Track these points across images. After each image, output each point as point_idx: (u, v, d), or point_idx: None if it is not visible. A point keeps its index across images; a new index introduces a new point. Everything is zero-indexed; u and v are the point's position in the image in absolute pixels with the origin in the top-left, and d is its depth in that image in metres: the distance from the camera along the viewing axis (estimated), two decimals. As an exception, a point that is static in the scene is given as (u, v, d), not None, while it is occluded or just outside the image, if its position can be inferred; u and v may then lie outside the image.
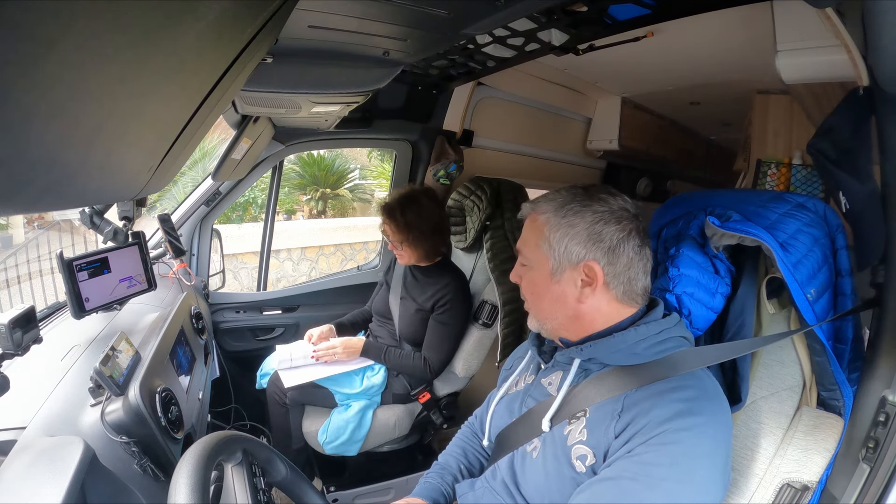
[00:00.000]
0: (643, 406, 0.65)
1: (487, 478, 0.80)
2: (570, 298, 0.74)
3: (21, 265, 4.01)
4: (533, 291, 0.78)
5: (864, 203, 0.67)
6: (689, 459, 0.60)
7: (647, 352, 0.70)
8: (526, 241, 0.79)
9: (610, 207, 0.72)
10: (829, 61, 1.07)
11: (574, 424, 0.70)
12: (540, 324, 0.80)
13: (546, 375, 0.81)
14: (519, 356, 0.94)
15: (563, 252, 0.73)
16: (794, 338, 0.81)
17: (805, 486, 0.70)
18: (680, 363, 0.68)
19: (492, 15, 0.99)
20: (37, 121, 0.33)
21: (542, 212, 0.76)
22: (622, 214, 0.72)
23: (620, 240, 0.71)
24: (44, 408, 0.86)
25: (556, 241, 0.73)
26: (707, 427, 0.62)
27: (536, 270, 0.77)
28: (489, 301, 1.73)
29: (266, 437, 1.84)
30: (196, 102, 0.63)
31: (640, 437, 0.62)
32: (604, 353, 0.72)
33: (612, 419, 0.66)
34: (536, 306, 0.79)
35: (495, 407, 0.87)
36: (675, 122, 2.72)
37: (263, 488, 0.71)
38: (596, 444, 0.66)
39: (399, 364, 1.64)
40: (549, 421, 0.72)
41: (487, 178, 1.94)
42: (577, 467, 0.67)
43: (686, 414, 0.62)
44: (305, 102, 1.29)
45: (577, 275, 0.73)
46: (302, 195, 8.52)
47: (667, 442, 0.61)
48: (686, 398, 0.64)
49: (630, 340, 0.70)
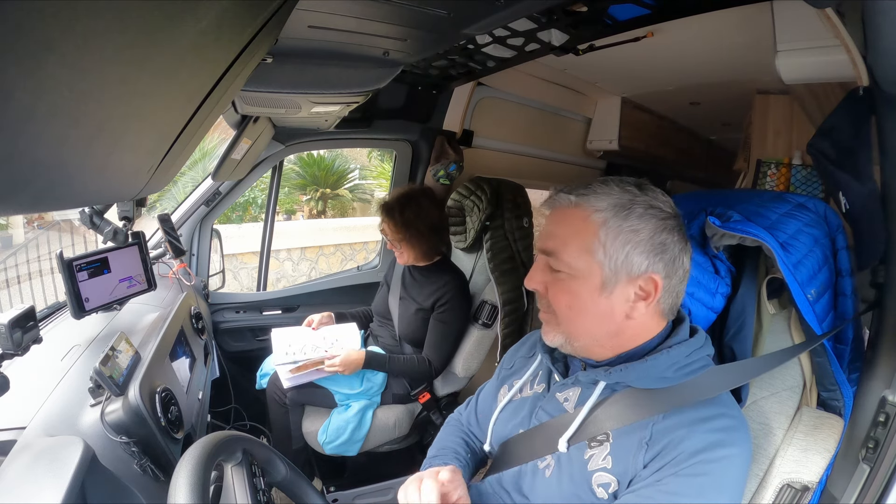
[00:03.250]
0: (675, 435, 0.61)
1: (491, 483, 0.78)
2: (617, 314, 0.64)
3: (21, 265, 4.01)
4: (571, 305, 0.65)
5: (864, 203, 0.67)
6: (715, 490, 0.59)
7: (675, 375, 0.64)
8: (566, 244, 0.65)
9: (668, 213, 0.64)
10: (829, 61, 1.07)
11: (596, 450, 0.65)
12: (569, 341, 0.68)
13: (562, 390, 0.74)
14: (522, 355, 0.88)
15: (622, 261, 0.62)
16: (794, 339, 0.81)
17: (805, 486, 0.70)
18: (706, 386, 0.64)
19: (492, 15, 0.99)
20: (37, 121, 0.33)
21: (597, 209, 0.63)
22: (678, 223, 0.64)
23: (681, 251, 0.64)
24: (44, 408, 0.86)
25: (615, 249, 0.62)
26: (736, 458, 0.61)
27: (581, 281, 0.64)
28: (489, 301, 1.73)
29: (266, 437, 1.84)
30: (196, 102, 0.63)
31: (671, 468, 0.59)
32: (632, 377, 0.65)
33: (640, 448, 0.62)
34: (571, 321, 0.67)
35: (499, 413, 0.82)
36: (675, 122, 2.72)
37: (263, 488, 0.71)
38: (622, 472, 0.63)
39: (403, 370, 1.64)
40: (567, 441, 0.67)
41: (487, 178, 1.94)
42: (599, 493, 0.63)
43: (719, 446, 0.60)
44: (305, 102, 1.29)
45: (632, 288, 0.63)
46: (302, 195, 8.51)
47: (697, 473, 0.59)
48: (719, 428, 0.61)
49: (662, 365, 0.64)
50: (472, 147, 2.15)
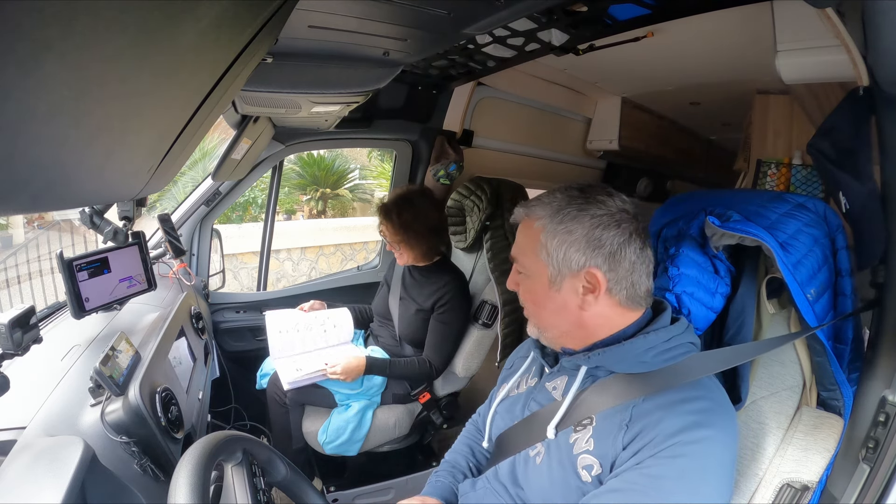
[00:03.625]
0: (653, 417, 0.63)
1: (489, 478, 0.80)
2: (571, 307, 0.71)
3: (21, 265, 4.01)
4: (533, 301, 0.76)
5: (864, 203, 0.67)
6: (697, 473, 0.60)
7: (656, 359, 0.68)
8: (522, 249, 0.75)
9: (609, 210, 0.69)
10: (829, 61, 1.07)
11: (580, 433, 0.69)
12: (540, 332, 0.78)
13: (550, 380, 0.79)
14: (521, 356, 0.92)
15: (561, 260, 0.70)
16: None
17: (805, 486, 0.70)
18: (687, 371, 0.66)
19: (492, 15, 0.99)
20: (37, 121, 0.33)
21: (537, 217, 0.72)
22: (622, 217, 0.70)
23: (621, 244, 0.69)
24: (44, 408, 0.86)
25: (553, 249, 0.70)
26: (716, 440, 0.61)
27: (534, 279, 0.74)
28: (489, 301, 1.73)
29: (266, 437, 1.84)
30: (196, 102, 0.63)
31: (650, 450, 0.61)
32: (611, 361, 0.70)
33: (620, 430, 0.64)
34: (537, 315, 0.76)
35: (496, 408, 0.86)
36: (675, 122, 2.72)
37: (263, 488, 0.71)
38: (603, 454, 0.65)
39: (404, 373, 1.64)
40: (555, 428, 0.71)
41: (487, 178, 1.94)
42: (583, 477, 0.66)
43: (696, 426, 0.61)
44: (305, 102, 1.29)
45: (578, 282, 0.70)
46: (302, 195, 8.52)
47: (676, 455, 0.60)
48: (696, 410, 0.63)
49: (639, 349, 0.68)
50: (472, 147, 2.15)
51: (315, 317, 1.76)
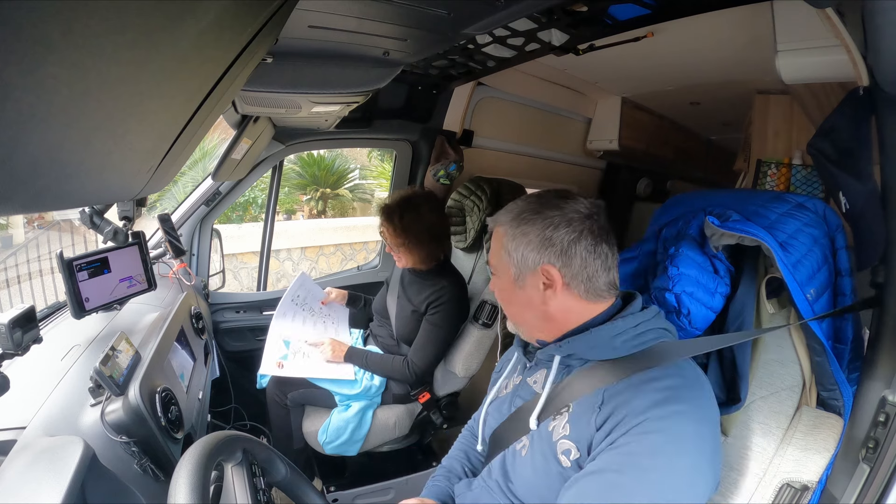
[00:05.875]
0: (623, 397, 0.66)
1: (484, 477, 0.81)
2: (535, 302, 0.76)
3: (21, 265, 4.02)
4: (503, 298, 0.82)
5: (864, 203, 0.67)
6: (672, 447, 0.60)
7: (626, 345, 0.71)
8: (493, 253, 0.83)
9: (563, 212, 0.74)
10: (829, 61, 1.07)
11: (558, 420, 0.71)
12: (517, 327, 0.83)
13: (531, 374, 0.83)
14: (507, 359, 0.96)
15: (520, 259, 0.76)
16: (793, 338, 0.81)
17: (805, 486, 0.70)
18: (660, 355, 0.69)
19: (492, 15, 0.99)
20: (37, 121, 0.33)
21: (501, 223, 0.80)
22: (573, 217, 0.74)
23: (571, 241, 0.73)
24: (44, 408, 0.86)
25: (513, 250, 0.76)
26: (688, 414, 0.62)
27: (502, 278, 0.80)
28: (489, 301, 1.72)
29: (266, 437, 1.84)
30: (196, 102, 0.63)
31: (622, 428, 0.63)
32: (582, 348, 0.73)
33: (593, 412, 0.67)
34: (509, 311, 0.83)
35: (487, 410, 0.89)
36: (675, 122, 2.72)
37: (263, 488, 0.71)
38: (578, 437, 0.67)
39: (380, 368, 1.63)
40: (537, 419, 0.74)
41: (487, 178, 1.94)
42: (563, 462, 0.68)
43: (665, 402, 0.63)
44: (305, 102, 1.29)
45: (538, 279, 0.75)
46: (302, 195, 8.51)
47: (648, 431, 0.61)
48: (665, 387, 0.65)
49: (607, 335, 0.71)
50: (472, 147, 2.15)
51: (314, 325, 1.84)
